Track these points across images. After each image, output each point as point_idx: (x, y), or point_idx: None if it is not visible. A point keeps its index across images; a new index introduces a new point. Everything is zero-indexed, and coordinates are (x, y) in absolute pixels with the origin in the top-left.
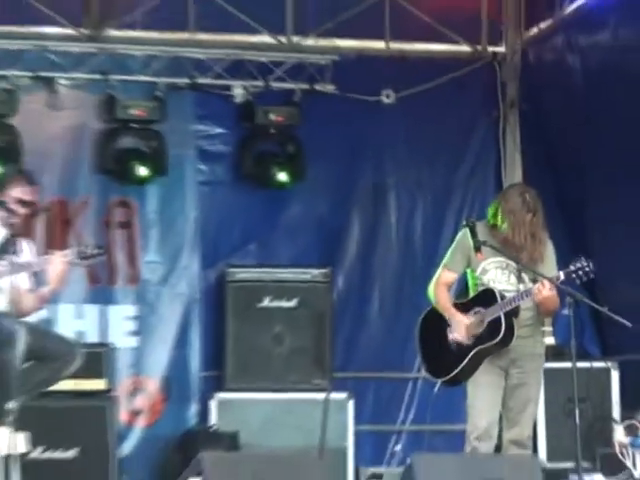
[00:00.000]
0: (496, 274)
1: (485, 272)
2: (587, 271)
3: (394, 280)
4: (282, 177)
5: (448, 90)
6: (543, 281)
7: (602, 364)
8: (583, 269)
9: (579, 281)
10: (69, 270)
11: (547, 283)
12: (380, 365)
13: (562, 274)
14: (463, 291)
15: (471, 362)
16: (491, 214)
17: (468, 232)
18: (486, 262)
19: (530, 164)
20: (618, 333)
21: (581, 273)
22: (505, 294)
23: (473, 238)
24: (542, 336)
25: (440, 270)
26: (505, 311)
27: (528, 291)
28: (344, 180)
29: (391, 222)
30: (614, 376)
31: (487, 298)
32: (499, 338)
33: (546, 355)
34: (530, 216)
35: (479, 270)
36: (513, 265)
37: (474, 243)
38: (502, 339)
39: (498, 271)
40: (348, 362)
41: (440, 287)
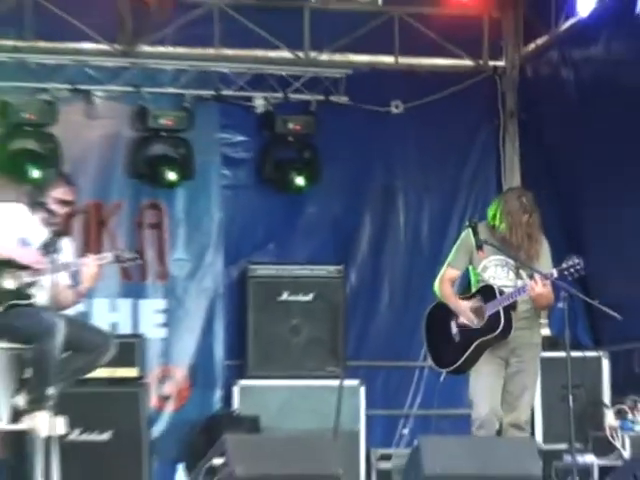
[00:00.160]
0: (496, 271)
1: (486, 269)
2: (578, 269)
3: (402, 276)
4: (299, 181)
5: (452, 101)
6: (536, 279)
7: (594, 353)
8: (575, 267)
9: (571, 278)
10: (103, 269)
11: (539, 281)
12: (389, 354)
13: (555, 271)
14: (466, 287)
15: (473, 353)
16: (491, 215)
17: (471, 232)
18: (487, 260)
19: (528, 168)
20: (609, 325)
21: (573, 270)
22: (504, 289)
23: (475, 237)
24: (539, 327)
25: (445, 267)
26: (504, 306)
27: (523, 288)
28: (356, 183)
29: (400, 222)
30: (605, 364)
31: (487, 294)
32: (499, 331)
33: (542, 345)
34: (527, 217)
35: (480, 267)
36: (512, 262)
37: (476, 242)
38: (502, 332)
39: (498, 268)
40: (360, 351)
41: (445, 283)
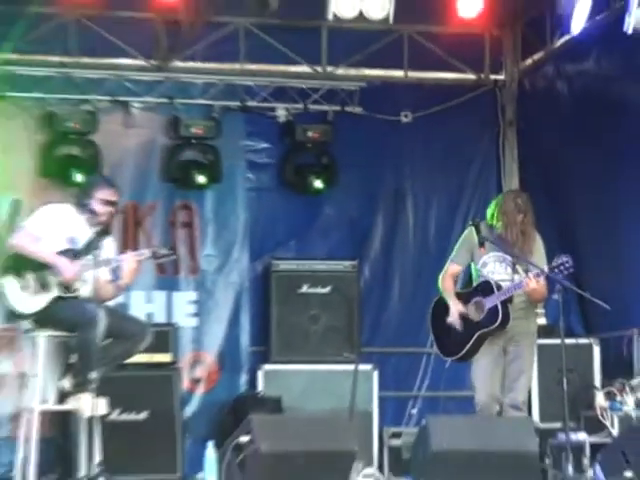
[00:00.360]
0: (494, 266)
1: (485, 265)
2: (567, 266)
3: (411, 271)
4: (318, 184)
5: (457, 111)
6: (530, 277)
7: (586, 340)
8: (564, 264)
9: (561, 274)
10: (141, 265)
11: (534, 278)
12: (400, 341)
13: (546, 268)
14: (468, 282)
15: (474, 344)
16: (489, 215)
17: (473, 230)
18: (487, 256)
19: (526, 173)
20: (599, 314)
21: (562, 268)
22: (501, 284)
23: (478, 235)
24: (535, 317)
25: (448, 263)
26: (501, 300)
27: (520, 283)
28: (369, 187)
29: (409, 222)
30: (596, 350)
31: (486, 288)
32: (498, 322)
33: (538, 333)
34: (521, 216)
35: (480, 263)
36: (509, 258)
37: (478, 239)
38: (500, 323)
39: (496, 264)
40: (373, 339)
41: (447, 278)
